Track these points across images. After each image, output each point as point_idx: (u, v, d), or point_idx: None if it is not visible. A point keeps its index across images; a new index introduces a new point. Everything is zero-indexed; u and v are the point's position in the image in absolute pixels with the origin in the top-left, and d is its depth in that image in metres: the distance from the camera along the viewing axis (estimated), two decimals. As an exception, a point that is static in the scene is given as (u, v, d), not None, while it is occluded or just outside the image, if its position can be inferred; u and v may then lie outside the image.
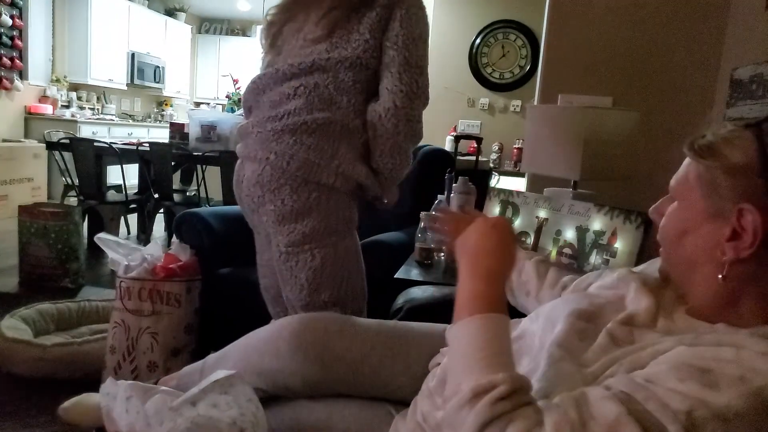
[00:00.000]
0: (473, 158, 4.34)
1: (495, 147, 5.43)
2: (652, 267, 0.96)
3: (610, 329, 0.79)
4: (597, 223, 1.60)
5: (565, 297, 1.00)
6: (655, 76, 2.40)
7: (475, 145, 4.57)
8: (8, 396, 2.01)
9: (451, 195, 1.82)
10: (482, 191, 2.01)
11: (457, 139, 3.46)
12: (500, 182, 4.96)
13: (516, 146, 5.29)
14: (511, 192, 1.96)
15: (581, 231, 1.64)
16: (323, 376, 1.09)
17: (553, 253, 1.73)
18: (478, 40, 5.54)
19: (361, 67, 1.39)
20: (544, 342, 0.83)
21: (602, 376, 0.72)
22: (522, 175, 4.42)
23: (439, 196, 1.97)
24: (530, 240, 1.82)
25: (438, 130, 5.61)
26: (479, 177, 4.05)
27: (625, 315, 0.82)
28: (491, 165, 5.20)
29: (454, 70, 5.62)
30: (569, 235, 1.69)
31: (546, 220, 1.78)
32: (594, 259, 1.56)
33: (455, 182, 1.82)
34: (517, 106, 5.53)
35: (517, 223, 1.87)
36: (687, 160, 0.79)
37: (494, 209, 1.97)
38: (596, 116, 1.87)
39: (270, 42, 1.55)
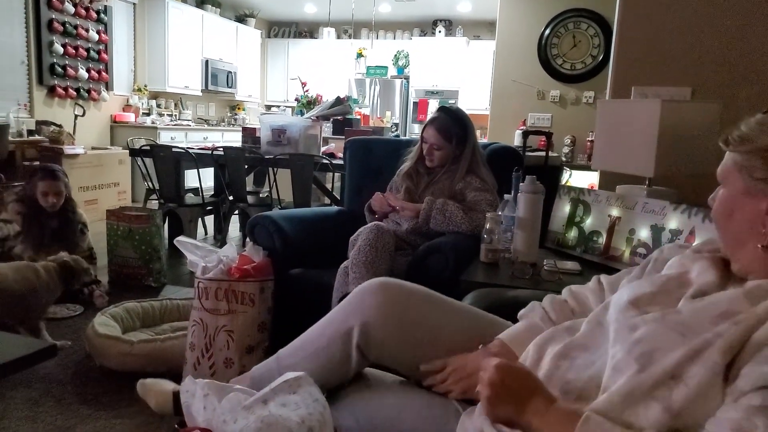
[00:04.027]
0: (543, 154, 4.24)
1: (567, 141, 5.26)
2: (707, 246, 0.98)
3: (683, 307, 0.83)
4: (673, 222, 1.54)
5: (627, 285, 1.00)
6: (739, 63, 2.24)
7: (545, 140, 4.46)
8: (102, 388, 2.17)
9: (519, 194, 1.79)
10: (552, 188, 1.96)
11: (526, 134, 3.37)
12: (573, 177, 4.80)
13: (589, 139, 5.10)
14: (581, 190, 1.90)
15: (656, 230, 1.57)
16: (402, 336, 1.14)
17: (627, 253, 1.66)
18: (547, 31, 5.39)
19: None
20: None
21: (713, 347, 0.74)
22: (596, 170, 4.28)
23: (506, 195, 1.94)
24: (602, 239, 1.76)
25: (507, 126, 5.50)
26: (550, 173, 3.94)
27: (695, 290, 0.85)
28: (563, 160, 5.04)
29: (522, 63, 5.49)
30: (643, 234, 1.62)
31: (619, 218, 1.71)
32: (671, 259, 1.49)
33: (522, 181, 1.79)
34: (590, 97, 5.34)
35: (589, 222, 1.82)
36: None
37: (564, 208, 1.92)
38: (672, 110, 1.78)
39: None
